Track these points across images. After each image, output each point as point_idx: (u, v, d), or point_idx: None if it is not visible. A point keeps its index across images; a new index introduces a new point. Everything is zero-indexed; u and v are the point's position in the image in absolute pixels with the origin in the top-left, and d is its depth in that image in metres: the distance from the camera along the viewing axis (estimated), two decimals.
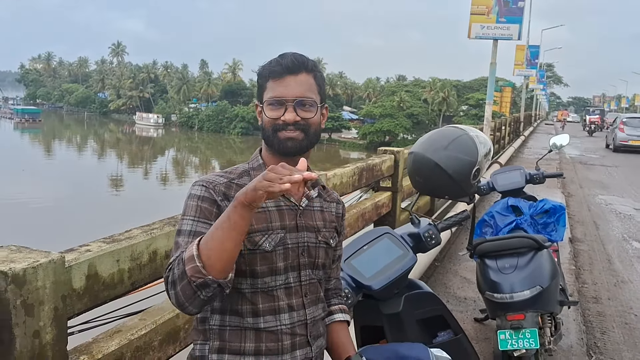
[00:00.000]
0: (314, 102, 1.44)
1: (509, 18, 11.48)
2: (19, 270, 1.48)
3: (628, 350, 4.28)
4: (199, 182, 1.44)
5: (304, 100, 1.41)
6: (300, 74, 1.42)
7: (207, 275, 1.20)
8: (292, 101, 1.40)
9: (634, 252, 7.19)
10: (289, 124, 1.40)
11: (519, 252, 3.31)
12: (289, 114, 1.40)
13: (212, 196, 1.40)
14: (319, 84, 1.48)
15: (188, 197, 1.43)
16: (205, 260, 1.20)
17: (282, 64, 1.42)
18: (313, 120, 1.44)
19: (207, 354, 1.43)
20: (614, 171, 16.21)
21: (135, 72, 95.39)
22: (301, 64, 1.43)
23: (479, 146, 2.17)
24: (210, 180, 1.44)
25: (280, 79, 1.41)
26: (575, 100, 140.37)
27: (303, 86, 1.42)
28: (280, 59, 1.43)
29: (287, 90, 1.40)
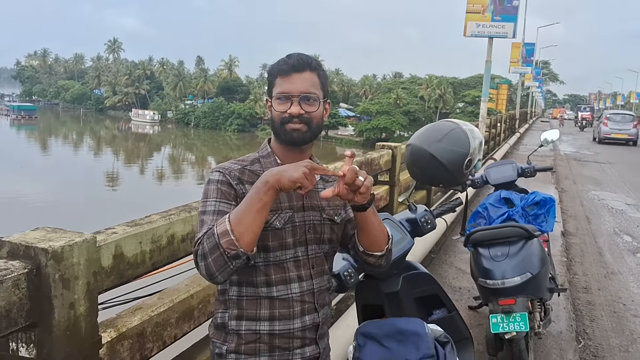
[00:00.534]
0: (317, 97, 1.61)
1: (503, 16, 11.66)
2: (58, 248, 1.65)
3: (616, 336, 4.47)
4: (216, 169, 1.62)
5: (308, 96, 1.58)
6: (305, 72, 1.59)
7: (240, 247, 1.38)
8: (298, 96, 1.57)
9: (624, 245, 7.39)
10: (294, 116, 1.57)
11: (510, 241, 3.49)
12: (295, 107, 1.57)
13: (229, 180, 1.58)
14: (322, 81, 1.65)
15: (207, 182, 1.60)
16: (238, 235, 1.37)
17: (288, 63, 1.59)
18: (316, 114, 1.61)
19: (227, 320, 1.62)
20: (607, 168, 16.43)
21: (131, 68, 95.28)
22: (306, 63, 1.60)
23: (471, 139, 2.35)
24: (226, 167, 1.62)
25: (287, 76, 1.58)
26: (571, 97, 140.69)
27: (307, 83, 1.59)
28: (287, 59, 1.60)
29: (293, 86, 1.57)
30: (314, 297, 1.65)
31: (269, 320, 1.59)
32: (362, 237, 1.69)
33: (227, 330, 1.62)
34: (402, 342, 2.03)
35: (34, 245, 1.64)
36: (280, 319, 1.59)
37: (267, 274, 1.59)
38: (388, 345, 2.05)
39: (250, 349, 1.59)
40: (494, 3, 11.59)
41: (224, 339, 1.62)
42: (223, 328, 1.63)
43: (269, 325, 1.59)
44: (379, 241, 1.69)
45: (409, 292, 2.37)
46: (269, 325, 1.59)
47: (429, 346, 2.01)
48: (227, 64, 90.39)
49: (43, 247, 1.63)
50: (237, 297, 1.61)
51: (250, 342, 1.59)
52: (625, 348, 4.27)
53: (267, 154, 1.67)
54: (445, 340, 2.08)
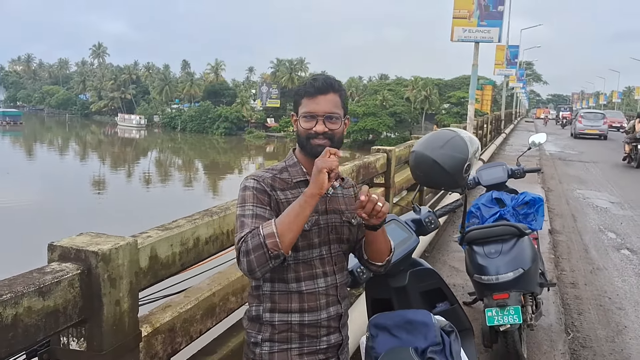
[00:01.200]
0: (339, 116, 1.82)
1: (489, 22, 11.98)
2: (106, 250, 1.84)
3: (602, 328, 4.72)
4: (251, 177, 1.82)
5: (331, 115, 1.80)
6: (329, 94, 1.80)
7: (281, 249, 1.61)
8: (322, 116, 1.78)
9: (609, 242, 7.67)
10: (319, 133, 1.78)
11: (503, 239, 3.73)
12: (319, 126, 1.78)
13: (263, 187, 1.79)
14: (343, 100, 1.86)
15: (243, 189, 1.81)
16: (282, 238, 1.60)
17: (314, 86, 1.80)
18: (338, 130, 1.82)
19: (262, 313, 1.82)
20: (591, 167, 16.80)
21: (116, 73, 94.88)
22: (329, 86, 1.81)
23: (469, 145, 2.58)
24: (259, 175, 1.83)
25: (313, 98, 1.79)
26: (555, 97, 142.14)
27: (330, 104, 1.80)
28: (313, 82, 1.81)
29: (319, 107, 1.78)
30: (337, 290, 1.86)
31: (299, 312, 1.79)
32: (367, 248, 1.92)
33: (261, 322, 1.82)
34: (411, 332, 2.24)
35: (84, 249, 1.83)
36: (309, 311, 1.80)
37: (297, 271, 1.80)
38: (398, 335, 2.26)
39: (283, 337, 1.80)
40: (480, 8, 11.91)
41: (258, 330, 1.82)
42: (257, 320, 1.83)
43: (299, 316, 1.79)
44: (381, 254, 1.93)
45: (415, 286, 2.58)
46: (299, 316, 1.79)
47: (435, 335, 2.23)
48: (214, 68, 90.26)
49: (93, 250, 1.82)
50: (270, 292, 1.81)
51: (282, 332, 1.79)
52: (612, 339, 4.52)
53: (294, 164, 1.87)
54: (450, 329, 2.30)
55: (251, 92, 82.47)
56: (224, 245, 2.67)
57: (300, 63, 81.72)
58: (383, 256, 1.93)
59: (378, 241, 1.87)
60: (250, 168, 51.40)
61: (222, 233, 2.62)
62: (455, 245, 6.43)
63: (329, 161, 1.61)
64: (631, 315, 5.04)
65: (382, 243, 1.89)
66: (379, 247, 1.89)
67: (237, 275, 2.84)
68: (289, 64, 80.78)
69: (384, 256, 1.93)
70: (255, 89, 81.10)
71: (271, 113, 75.28)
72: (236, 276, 2.83)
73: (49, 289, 1.67)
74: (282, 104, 75.34)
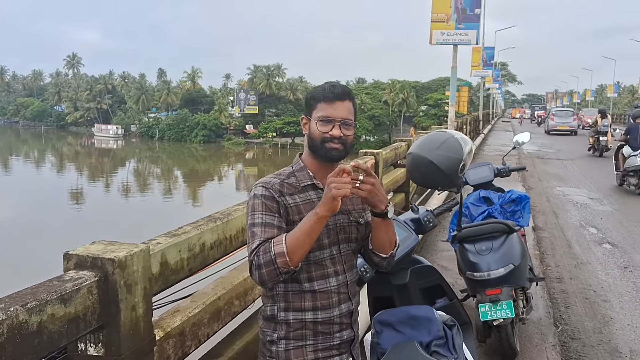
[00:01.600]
0: (353, 123, 1.90)
1: (467, 24, 12.20)
2: (122, 257, 1.89)
3: (589, 320, 4.86)
4: (260, 184, 1.88)
5: (347, 121, 1.87)
6: (345, 101, 1.88)
7: (291, 266, 1.70)
8: (339, 121, 1.85)
9: (590, 237, 7.86)
10: (335, 137, 1.85)
11: (493, 236, 3.84)
12: (336, 130, 1.85)
13: (272, 194, 1.85)
14: (355, 108, 1.94)
15: (252, 197, 1.86)
16: (291, 256, 1.69)
17: (334, 92, 1.87)
18: (350, 136, 1.90)
19: (277, 312, 1.88)
20: (569, 164, 17.12)
21: (92, 83, 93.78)
22: (346, 94, 1.89)
23: (463, 146, 2.67)
24: (267, 182, 1.89)
25: (331, 103, 1.86)
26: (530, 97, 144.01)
27: (347, 111, 1.88)
28: (332, 88, 1.88)
29: (336, 113, 1.85)
30: (347, 288, 1.93)
31: (312, 310, 1.86)
32: (374, 238, 1.98)
33: (276, 321, 1.88)
34: (415, 327, 2.33)
35: (100, 257, 1.88)
36: (322, 309, 1.86)
37: (309, 271, 1.86)
38: (402, 330, 2.34)
39: (298, 335, 1.86)
40: (457, 12, 12.13)
41: (274, 328, 1.89)
42: (272, 319, 1.89)
43: (312, 314, 1.86)
44: (386, 246, 1.98)
45: (416, 283, 2.67)
46: (313, 314, 1.86)
47: (438, 329, 2.31)
48: (190, 75, 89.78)
49: (110, 257, 1.87)
50: (284, 292, 1.88)
51: (297, 329, 1.86)
52: (599, 330, 4.66)
53: (300, 168, 1.94)
54: (452, 323, 2.39)
55: (229, 99, 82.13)
56: (227, 250, 2.73)
57: (278, 69, 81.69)
58: (387, 248, 1.97)
59: (384, 231, 1.92)
60: (230, 175, 51.30)
61: (225, 238, 2.68)
62: (443, 245, 6.55)
63: (343, 188, 1.65)
64: (616, 307, 5.19)
65: (387, 233, 1.94)
66: (384, 238, 1.95)
67: (240, 279, 2.90)
68: (266, 70, 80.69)
69: (388, 249, 1.98)
70: (233, 96, 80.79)
71: (250, 119, 75.15)
72: (239, 280, 2.90)
73: (70, 296, 1.72)
74: (260, 110, 75.28)
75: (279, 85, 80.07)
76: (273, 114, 75.83)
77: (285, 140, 65.16)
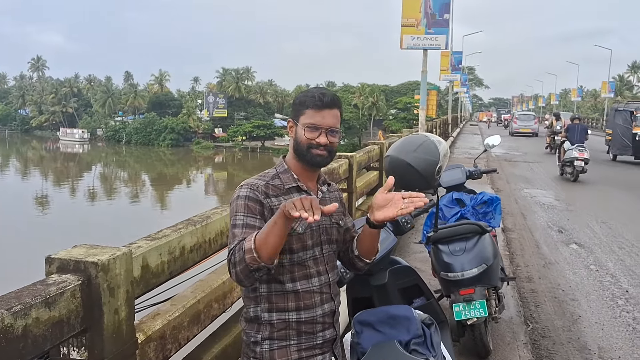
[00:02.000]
0: (339, 130, 1.94)
1: (436, 29, 12.39)
2: (105, 261, 1.89)
3: (558, 319, 4.99)
4: (244, 186, 1.91)
5: (334, 129, 1.91)
6: (334, 109, 1.91)
7: (260, 262, 1.66)
8: (326, 129, 1.89)
9: (557, 238, 8.06)
10: (322, 145, 1.88)
11: (466, 237, 3.92)
12: (322, 138, 1.88)
13: (256, 196, 1.87)
14: (342, 116, 1.98)
15: (236, 198, 1.88)
16: (259, 252, 1.65)
17: (323, 100, 1.89)
18: (336, 144, 1.94)
19: (260, 313, 1.90)
20: (535, 167, 17.50)
21: (57, 86, 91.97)
22: (335, 102, 1.92)
23: (440, 148, 2.74)
24: (253, 183, 1.91)
25: (320, 111, 1.89)
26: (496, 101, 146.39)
27: (334, 119, 1.91)
28: (322, 96, 1.90)
29: (324, 121, 1.89)
30: (330, 288, 1.97)
31: (295, 310, 1.89)
32: (361, 245, 2.04)
33: (260, 322, 1.90)
34: (395, 326, 2.37)
35: (83, 260, 1.87)
36: (305, 309, 1.89)
37: (292, 272, 1.89)
38: (382, 330, 2.38)
39: (282, 335, 1.88)
40: (427, 17, 12.30)
41: (257, 329, 1.90)
42: (256, 320, 1.91)
43: (296, 314, 1.89)
44: (372, 252, 2.06)
45: (394, 283, 2.72)
46: (296, 314, 1.89)
47: (417, 328, 2.36)
48: (158, 79, 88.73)
49: (93, 260, 1.86)
50: (267, 293, 1.90)
51: (281, 330, 1.88)
52: (568, 328, 4.78)
53: (285, 170, 1.96)
54: (430, 322, 2.43)
55: (197, 103, 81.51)
56: (207, 253, 2.74)
57: (247, 72, 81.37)
58: (373, 254, 2.05)
59: (373, 240, 1.99)
60: (199, 179, 50.87)
61: (205, 241, 2.69)
62: (416, 247, 6.64)
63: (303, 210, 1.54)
64: (584, 305, 5.33)
65: (375, 242, 2.01)
66: (372, 245, 2.02)
67: (219, 282, 2.91)
68: (235, 73, 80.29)
69: (372, 255, 2.06)
70: (202, 99, 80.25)
71: (219, 123, 74.69)
72: (218, 284, 2.90)
73: (54, 300, 1.71)
74: (229, 114, 74.89)
75: (249, 88, 79.79)
76: (242, 117, 75.50)
77: (255, 144, 64.96)
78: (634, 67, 78.84)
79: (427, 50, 12.78)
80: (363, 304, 2.71)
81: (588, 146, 14.00)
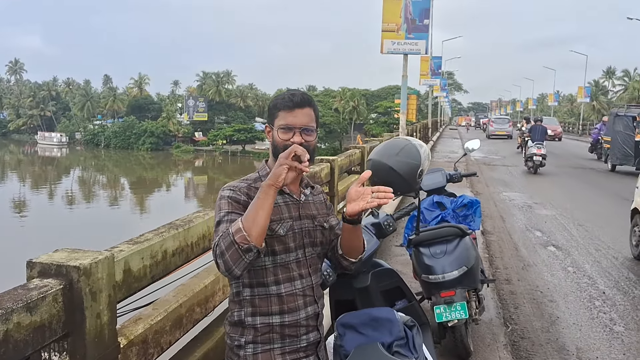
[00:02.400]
0: (314, 129, 1.95)
1: (416, 34, 12.50)
2: (87, 265, 1.88)
3: (537, 320, 5.05)
4: (227, 187, 1.92)
5: (308, 128, 1.92)
6: (305, 108, 1.92)
7: (251, 241, 1.67)
8: (300, 128, 1.90)
9: (536, 240, 8.16)
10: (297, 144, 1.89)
11: (447, 240, 3.96)
12: (297, 137, 1.89)
13: (239, 196, 1.88)
14: (316, 115, 1.99)
15: (219, 198, 1.90)
16: (248, 230, 1.67)
17: (293, 101, 1.91)
18: (313, 142, 1.95)
19: (244, 317, 1.91)
20: (513, 170, 17.70)
21: (35, 90, 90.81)
22: (306, 101, 1.93)
23: (421, 152, 2.77)
24: (235, 185, 1.92)
25: (291, 111, 1.90)
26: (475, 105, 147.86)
27: (307, 117, 1.92)
28: (291, 97, 1.92)
29: (296, 120, 1.90)
30: (313, 291, 1.98)
31: (279, 314, 1.90)
32: (344, 243, 2.05)
33: (244, 325, 1.91)
34: (377, 329, 2.39)
35: (65, 264, 1.86)
36: (288, 312, 1.90)
37: (275, 274, 1.90)
38: (365, 332, 2.39)
39: (265, 339, 1.89)
40: (407, 22, 12.40)
41: (241, 333, 1.91)
42: (240, 324, 1.91)
43: (279, 317, 1.89)
44: (355, 251, 2.07)
45: (377, 286, 2.74)
46: (280, 317, 1.89)
47: (399, 330, 2.38)
48: (137, 82, 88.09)
49: (74, 264, 1.85)
50: (251, 296, 1.91)
51: (265, 333, 1.89)
52: (547, 329, 4.85)
53: (267, 173, 1.97)
54: (412, 324, 2.46)
55: (177, 106, 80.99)
56: (189, 257, 2.73)
57: (227, 75, 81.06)
58: (357, 253, 2.06)
59: (354, 237, 2.00)
60: (179, 183, 50.54)
61: (187, 245, 2.68)
62: (397, 250, 6.68)
63: (289, 161, 1.69)
64: (562, 306, 5.41)
65: (358, 239, 2.02)
66: (354, 243, 2.03)
67: (201, 286, 2.90)
68: (215, 76, 79.98)
69: (357, 254, 2.06)
70: (182, 103, 79.70)
71: (199, 127, 74.28)
72: (200, 287, 2.89)
73: (36, 304, 1.69)
74: (210, 118, 74.52)
75: (229, 92, 79.49)
76: (223, 121, 75.21)
77: (235, 148, 64.71)
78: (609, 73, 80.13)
79: (408, 55, 12.90)
80: (346, 307, 2.73)
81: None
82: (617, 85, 77.29)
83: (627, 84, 70.10)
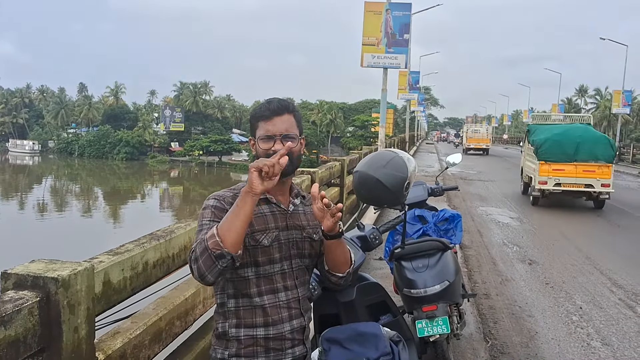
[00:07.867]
0: (295, 135, 1.90)
1: (396, 49, 12.59)
2: (66, 276, 1.80)
3: (516, 335, 5.05)
4: (212, 197, 1.87)
5: (288, 135, 1.87)
6: (284, 115, 1.88)
7: (224, 247, 1.63)
8: (279, 136, 1.86)
9: (513, 255, 8.21)
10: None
11: (429, 254, 3.93)
12: (278, 145, 1.84)
13: (223, 205, 1.83)
14: (298, 121, 1.95)
15: (203, 208, 1.85)
16: (222, 236, 1.63)
17: (270, 109, 1.87)
18: (295, 149, 1.90)
19: (228, 329, 1.85)
20: (490, 185, 17.86)
21: (7, 97, 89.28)
22: (284, 107, 1.89)
23: (408, 165, 2.74)
24: (220, 195, 1.88)
25: (270, 120, 1.87)
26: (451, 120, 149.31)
27: (286, 124, 1.88)
28: (268, 105, 1.89)
29: (275, 128, 1.86)
30: (299, 303, 1.92)
31: (263, 326, 1.84)
32: (328, 259, 2.00)
33: (227, 338, 1.85)
34: (363, 344, 2.34)
35: (42, 275, 1.78)
36: (272, 324, 1.85)
37: (259, 285, 1.85)
38: (350, 347, 2.34)
39: (249, 352, 1.83)
40: (387, 36, 12.49)
41: (225, 346, 1.85)
42: (224, 336, 1.86)
43: (264, 330, 1.84)
44: (341, 266, 2.02)
45: (362, 300, 2.69)
46: (264, 330, 1.84)
47: (386, 345, 2.33)
48: (113, 91, 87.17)
49: (52, 276, 1.78)
50: (235, 308, 1.85)
51: (248, 346, 1.83)
52: (526, 344, 4.85)
53: None
54: (398, 339, 2.41)
55: (154, 116, 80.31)
56: (170, 269, 2.66)
57: (205, 86, 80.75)
58: (343, 267, 2.01)
59: (338, 252, 1.96)
60: (154, 194, 49.94)
61: (168, 256, 2.61)
62: (377, 264, 6.64)
63: (259, 161, 1.65)
64: (540, 321, 5.42)
65: (341, 254, 1.97)
66: (338, 258, 1.98)
67: (181, 299, 2.83)
68: (192, 87, 79.61)
69: (345, 267, 2.01)
70: (158, 113, 79.07)
71: (175, 137, 73.70)
72: (180, 300, 2.82)
73: (10, 318, 1.62)
74: (186, 128, 74.03)
75: (206, 103, 79.17)
76: (200, 131, 74.77)
77: (212, 159, 64.23)
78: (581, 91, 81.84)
79: (387, 69, 12.97)
80: (330, 321, 2.68)
81: None
82: (589, 103, 78.90)
83: (599, 102, 71.68)
